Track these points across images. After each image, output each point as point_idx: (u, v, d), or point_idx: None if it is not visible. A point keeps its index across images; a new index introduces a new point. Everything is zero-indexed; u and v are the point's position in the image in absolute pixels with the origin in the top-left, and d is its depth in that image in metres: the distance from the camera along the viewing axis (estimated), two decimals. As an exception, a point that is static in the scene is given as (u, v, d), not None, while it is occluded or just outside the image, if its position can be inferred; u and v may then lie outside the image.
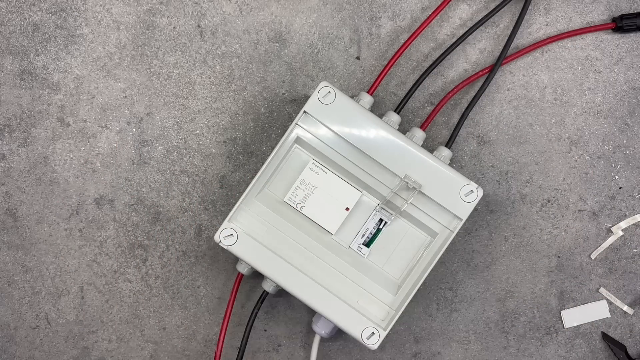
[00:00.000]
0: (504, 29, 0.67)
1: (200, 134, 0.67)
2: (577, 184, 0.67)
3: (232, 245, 0.60)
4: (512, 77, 0.67)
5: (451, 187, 0.60)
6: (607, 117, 0.67)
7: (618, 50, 0.67)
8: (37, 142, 0.67)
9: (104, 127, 0.67)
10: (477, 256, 0.67)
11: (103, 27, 0.67)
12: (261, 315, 0.67)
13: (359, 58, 0.68)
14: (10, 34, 0.67)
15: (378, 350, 0.66)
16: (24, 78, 0.67)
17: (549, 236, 0.67)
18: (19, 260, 0.67)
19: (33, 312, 0.68)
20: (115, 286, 0.67)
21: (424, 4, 0.67)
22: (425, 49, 0.68)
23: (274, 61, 0.67)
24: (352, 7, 0.67)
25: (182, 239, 0.67)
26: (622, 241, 0.67)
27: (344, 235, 0.62)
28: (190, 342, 0.68)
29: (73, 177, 0.67)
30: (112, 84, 0.67)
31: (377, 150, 0.60)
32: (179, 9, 0.67)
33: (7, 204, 0.67)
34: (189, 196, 0.67)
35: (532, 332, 0.67)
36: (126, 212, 0.67)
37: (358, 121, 0.61)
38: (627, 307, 0.67)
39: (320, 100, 0.61)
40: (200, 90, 0.67)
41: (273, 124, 0.67)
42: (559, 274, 0.67)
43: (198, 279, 0.67)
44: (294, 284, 0.60)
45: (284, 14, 0.67)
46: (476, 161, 0.67)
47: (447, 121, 0.67)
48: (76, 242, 0.67)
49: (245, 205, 0.61)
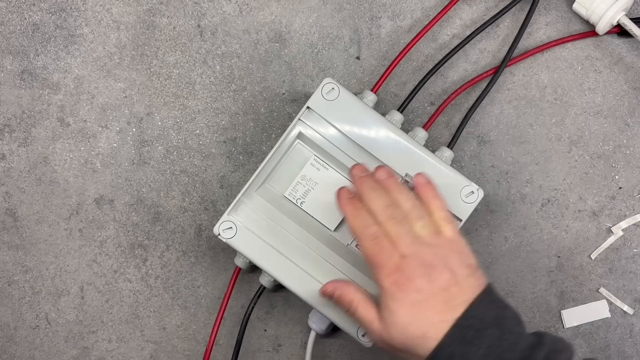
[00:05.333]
0: (504, 29, 0.68)
1: (200, 134, 0.67)
2: (577, 184, 0.67)
3: (230, 238, 0.60)
4: (512, 77, 0.67)
5: (452, 188, 0.60)
6: (607, 117, 0.67)
7: (618, 50, 0.67)
8: (37, 142, 0.67)
9: (104, 127, 0.67)
10: (477, 256, 0.67)
11: (103, 27, 0.67)
12: (261, 315, 0.67)
13: (359, 58, 0.68)
14: (10, 34, 0.67)
15: (376, 348, 0.66)
16: (24, 78, 0.67)
17: (549, 236, 0.67)
18: (19, 260, 0.67)
19: (33, 312, 0.68)
20: (115, 286, 0.67)
21: (424, 3, 0.67)
22: (425, 49, 0.68)
23: (274, 61, 0.68)
24: (352, 7, 0.67)
25: (182, 239, 0.67)
26: (622, 241, 0.67)
27: (343, 232, 0.62)
28: (190, 342, 0.68)
29: (73, 177, 0.67)
30: (112, 84, 0.67)
31: (379, 148, 0.61)
32: (179, 9, 0.67)
33: (7, 204, 0.67)
34: (189, 196, 0.67)
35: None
36: (126, 212, 0.67)
37: (361, 118, 0.61)
38: (627, 307, 0.67)
39: (324, 97, 0.61)
40: (200, 90, 0.67)
41: (273, 124, 0.67)
42: (559, 274, 0.67)
43: (198, 279, 0.67)
44: (290, 278, 0.60)
45: (284, 14, 0.67)
46: (476, 161, 0.67)
47: (447, 121, 0.67)
48: (76, 242, 0.67)
49: (246, 199, 0.61)
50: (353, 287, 0.55)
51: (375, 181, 0.55)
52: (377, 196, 0.54)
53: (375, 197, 0.54)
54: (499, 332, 0.49)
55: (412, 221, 0.53)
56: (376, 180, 0.55)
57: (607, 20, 0.64)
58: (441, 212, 0.54)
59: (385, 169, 0.56)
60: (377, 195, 0.54)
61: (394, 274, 0.51)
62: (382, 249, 0.52)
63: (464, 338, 0.49)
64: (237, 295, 0.67)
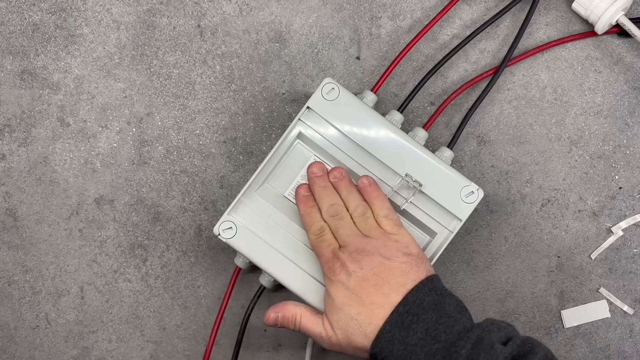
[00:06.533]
0: (504, 28, 0.68)
1: (200, 134, 0.67)
2: (577, 184, 0.67)
3: (230, 238, 0.60)
4: (512, 77, 0.67)
5: (452, 188, 0.60)
6: (607, 117, 0.67)
7: (618, 50, 0.67)
8: (37, 142, 0.67)
9: (104, 127, 0.67)
10: (477, 256, 0.67)
11: (103, 27, 0.67)
12: (261, 315, 0.67)
13: (359, 58, 0.68)
14: (10, 34, 0.67)
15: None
16: (24, 78, 0.67)
17: (549, 236, 0.67)
18: (19, 260, 0.67)
19: (33, 312, 0.68)
20: (115, 286, 0.67)
21: (424, 3, 0.67)
22: (425, 48, 0.68)
23: (274, 61, 0.68)
24: (352, 7, 0.67)
25: (182, 239, 0.67)
26: (622, 241, 0.67)
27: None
28: (190, 342, 0.68)
29: (73, 177, 0.67)
30: (112, 84, 0.67)
31: (379, 148, 0.61)
32: (179, 9, 0.67)
33: (7, 204, 0.67)
34: (189, 196, 0.67)
35: (532, 332, 0.67)
36: (126, 212, 0.67)
37: (361, 118, 0.61)
38: (627, 307, 0.67)
39: (324, 97, 0.61)
40: (200, 90, 0.67)
41: (273, 124, 0.67)
42: (559, 274, 0.67)
43: (198, 279, 0.67)
44: (290, 278, 0.60)
45: (284, 14, 0.67)
46: (476, 161, 0.67)
47: (447, 121, 0.67)
48: (76, 242, 0.67)
49: (246, 199, 0.61)
50: (292, 304, 0.59)
51: (326, 181, 0.60)
52: (326, 195, 0.59)
53: (324, 197, 0.59)
54: (436, 317, 0.53)
55: (354, 218, 0.58)
56: (331, 180, 0.60)
57: (606, 20, 0.64)
58: (381, 210, 0.58)
59: (339, 170, 0.60)
60: (326, 195, 0.59)
61: (330, 261, 0.56)
62: (323, 241, 0.58)
63: (402, 322, 0.53)
64: (237, 295, 0.67)
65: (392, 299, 0.54)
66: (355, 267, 0.55)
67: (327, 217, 0.59)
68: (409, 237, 0.57)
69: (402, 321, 0.53)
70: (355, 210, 0.58)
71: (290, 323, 0.58)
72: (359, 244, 0.56)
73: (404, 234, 0.58)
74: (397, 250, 0.56)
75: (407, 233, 0.58)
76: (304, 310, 0.58)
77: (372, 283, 0.54)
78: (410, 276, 0.55)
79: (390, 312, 0.53)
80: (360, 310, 0.54)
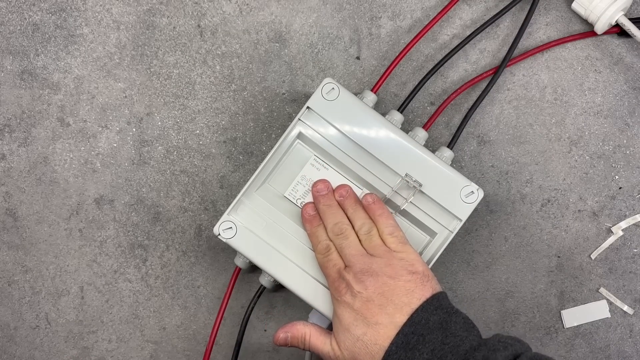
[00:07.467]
0: (504, 28, 0.68)
1: (200, 134, 0.67)
2: (577, 184, 0.67)
3: (230, 238, 0.60)
4: (512, 77, 0.67)
5: (452, 188, 0.60)
6: (607, 117, 0.67)
7: (618, 50, 0.67)
8: (37, 142, 0.67)
9: (104, 127, 0.67)
10: (477, 256, 0.67)
11: (103, 27, 0.67)
12: (261, 315, 0.67)
13: (359, 58, 0.68)
14: (10, 34, 0.67)
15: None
16: (24, 78, 0.67)
17: (549, 236, 0.67)
18: (19, 260, 0.67)
19: (33, 312, 0.68)
20: (115, 286, 0.67)
21: (424, 3, 0.67)
22: (425, 48, 0.68)
23: (274, 61, 0.68)
24: (352, 7, 0.67)
25: (182, 239, 0.67)
26: (622, 241, 0.67)
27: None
28: (190, 342, 0.68)
29: (73, 177, 0.67)
30: (112, 84, 0.67)
31: (379, 148, 0.61)
32: (179, 9, 0.67)
33: (7, 204, 0.67)
34: (189, 196, 0.67)
35: (532, 332, 0.67)
36: (126, 212, 0.67)
37: (361, 118, 0.61)
38: (627, 307, 0.67)
39: (324, 97, 0.61)
40: (200, 90, 0.67)
41: (273, 124, 0.67)
42: (559, 274, 0.67)
43: (198, 279, 0.67)
44: (290, 278, 0.60)
45: (284, 14, 0.67)
46: (476, 161, 0.67)
47: (447, 121, 0.67)
48: (76, 242, 0.67)
49: (246, 199, 0.61)
50: (301, 323, 0.59)
51: (331, 199, 0.60)
52: (331, 214, 0.60)
53: (329, 215, 0.60)
54: (442, 337, 0.52)
55: (360, 236, 0.58)
56: (336, 199, 0.60)
57: (605, 20, 0.64)
58: (386, 228, 0.58)
59: (345, 188, 0.61)
60: (331, 213, 0.60)
61: (336, 281, 0.57)
62: (329, 261, 0.58)
63: (408, 344, 0.52)
64: (237, 295, 0.67)
65: (397, 319, 0.53)
66: (360, 288, 0.55)
67: (332, 236, 0.59)
68: (415, 254, 0.57)
69: (407, 342, 0.52)
70: (360, 228, 0.58)
71: (300, 342, 0.58)
72: (364, 264, 0.56)
73: (409, 251, 0.57)
74: (402, 268, 0.55)
75: (413, 250, 0.57)
76: (312, 330, 0.58)
77: (377, 303, 0.54)
78: (415, 295, 0.54)
79: (396, 332, 0.53)
80: (365, 331, 0.54)
